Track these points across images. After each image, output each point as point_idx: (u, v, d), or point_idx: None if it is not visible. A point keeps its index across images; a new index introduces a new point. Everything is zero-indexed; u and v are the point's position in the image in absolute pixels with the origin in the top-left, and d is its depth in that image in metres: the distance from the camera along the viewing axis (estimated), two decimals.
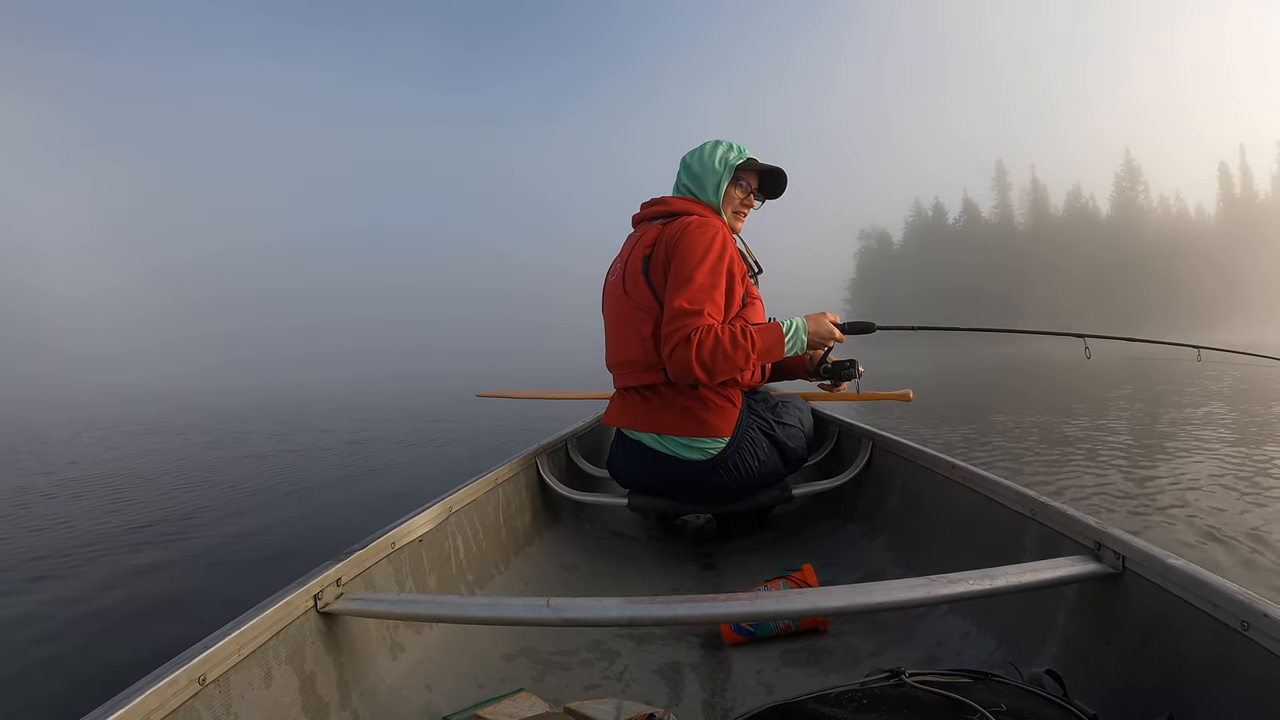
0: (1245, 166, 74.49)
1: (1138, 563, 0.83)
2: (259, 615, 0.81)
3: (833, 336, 1.65)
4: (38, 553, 3.33)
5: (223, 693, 0.75)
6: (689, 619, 0.87)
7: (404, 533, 1.19)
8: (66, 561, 3.15)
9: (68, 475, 6.08)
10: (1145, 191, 74.01)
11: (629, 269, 1.64)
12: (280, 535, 3.50)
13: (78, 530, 3.82)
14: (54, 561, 3.16)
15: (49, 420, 14.55)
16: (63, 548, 3.40)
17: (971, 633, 1.13)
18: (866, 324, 1.79)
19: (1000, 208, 75.65)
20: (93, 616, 2.42)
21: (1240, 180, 74.16)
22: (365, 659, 1.02)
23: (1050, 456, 4.53)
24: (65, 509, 4.50)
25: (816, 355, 1.82)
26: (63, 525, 3.98)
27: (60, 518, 4.23)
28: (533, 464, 1.89)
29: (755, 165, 1.74)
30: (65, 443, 9.39)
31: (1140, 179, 74.20)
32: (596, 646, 1.25)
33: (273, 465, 6.17)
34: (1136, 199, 73.48)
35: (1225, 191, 74.62)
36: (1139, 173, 74.33)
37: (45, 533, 3.82)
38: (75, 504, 4.64)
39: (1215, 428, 5.36)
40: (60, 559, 3.20)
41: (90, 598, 2.63)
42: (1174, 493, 3.37)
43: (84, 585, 2.79)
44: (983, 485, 1.26)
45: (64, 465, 6.82)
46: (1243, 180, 73.97)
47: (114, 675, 1.70)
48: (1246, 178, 73.90)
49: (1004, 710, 0.63)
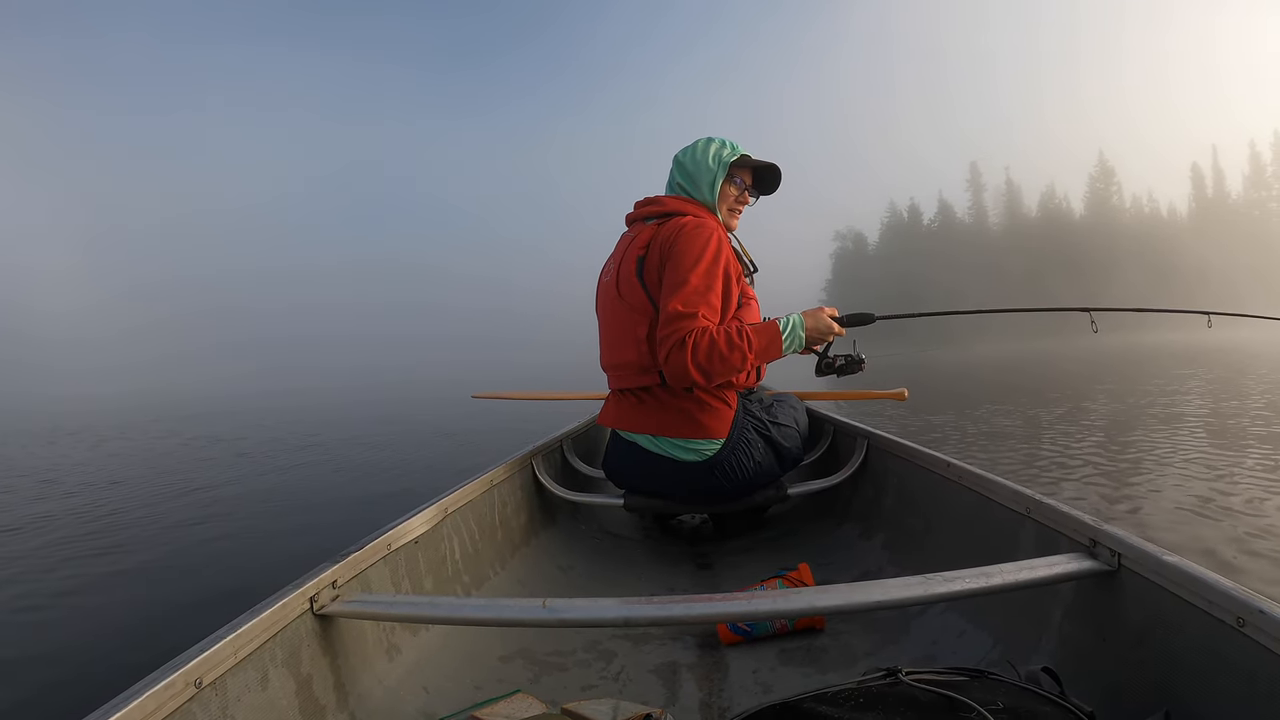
0: (1217, 167, 76.25)
1: (1133, 560, 0.84)
2: (255, 618, 0.81)
3: (832, 331, 1.61)
4: (22, 554, 3.29)
5: (219, 696, 0.74)
6: (685, 619, 0.88)
7: (400, 534, 1.19)
8: (61, 565, 3.12)
9: (51, 478, 6.02)
10: (1118, 191, 75.46)
11: (623, 270, 1.63)
12: (276, 538, 3.49)
13: (67, 534, 3.78)
14: (46, 566, 3.13)
15: (29, 430, 14.28)
16: (56, 553, 3.36)
17: (968, 631, 1.13)
18: (865, 315, 1.72)
19: (975, 208, 76.62)
20: (87, 620, 2.41)
21: (1212, 180, 75.93)
22: (362, 661, 1.01)
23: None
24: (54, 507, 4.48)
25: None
26: (50, 528, 3.94)
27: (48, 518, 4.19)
28: (528, 465, 1.88)
29: (749, 162, 1.73)
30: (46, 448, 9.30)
31: (1114, 179, 75.63)
32: (593, 647, 1.25)
33: (265, 467, 6.13)
34: (1110, 199, 74.83)
35: (1198, 191, 76.32)
36: (1112, 173, 75.76)
37: (24, 535, 3.78)
38: (63, 502, 4.61)
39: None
40: (54, 563, 3.16)
41: (85, 602, 2.62)
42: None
43: (79, 589, 2.76)
44: (978, 484, 1.26)
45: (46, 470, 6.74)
46: (1215, 180, 75.74)
47: (109, 679, 1.69)
48: (1219, 178, 75.67)
49: (1001, 708, 0.63)
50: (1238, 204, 73.53)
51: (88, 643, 2.19)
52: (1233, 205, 73.53)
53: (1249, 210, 72.27)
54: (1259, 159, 73.77)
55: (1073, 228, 71.45)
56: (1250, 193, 73.82)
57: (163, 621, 2.35)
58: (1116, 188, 75.65)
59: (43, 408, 27.17)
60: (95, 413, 20.86)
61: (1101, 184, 75.72)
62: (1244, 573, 2.27)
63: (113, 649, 2.13)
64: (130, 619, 2.41)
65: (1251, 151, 74.40)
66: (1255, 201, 73.04)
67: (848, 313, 1.68)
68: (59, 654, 2.12)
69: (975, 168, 78.44)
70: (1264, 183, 73.15)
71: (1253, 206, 72.58)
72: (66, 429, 13.24)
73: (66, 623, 2.40)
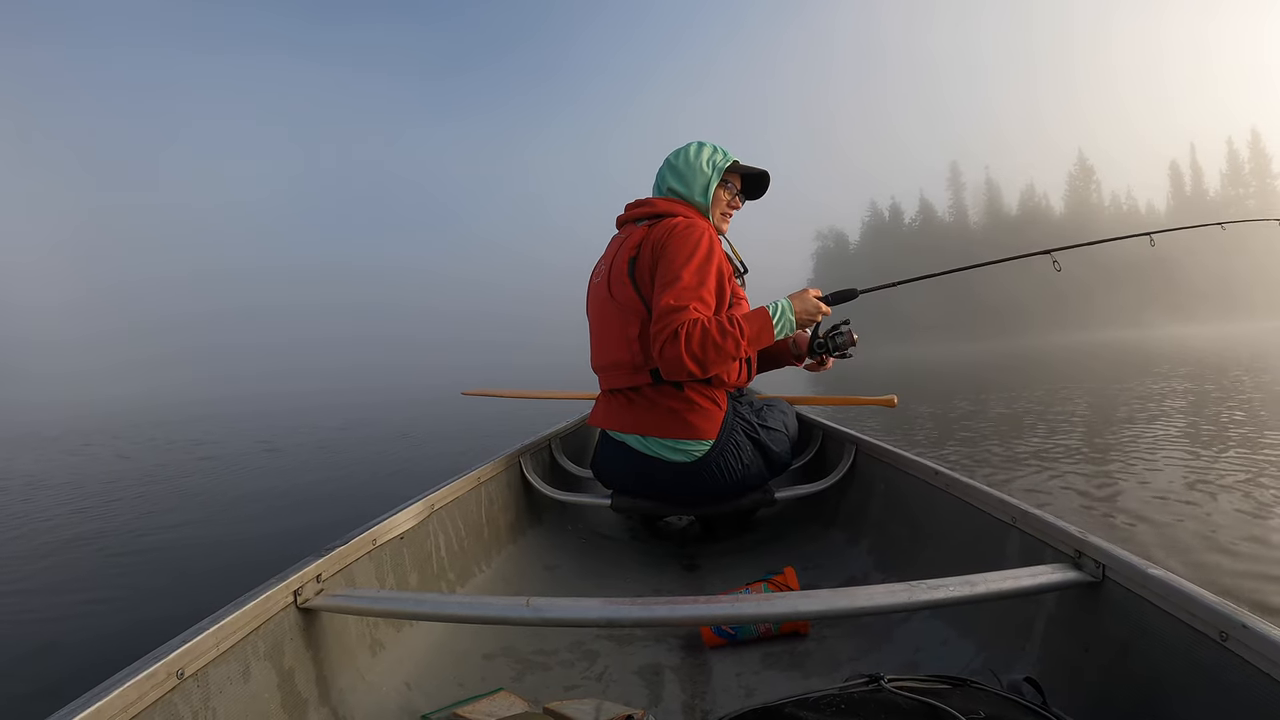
0: (1195, 164, 77.42)
1: (1118, 571, 0.84)
2: (238, 610, 0.80)
3: (820, 311, 1.64)
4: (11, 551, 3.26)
5: (201, 687, 0.74)
6: (669, 620, 0.88)
7: (385, 530, 1.18)
8: (43, 558, 3.08)
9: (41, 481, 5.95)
10: (1097, 190, 76.46)
11: (614, 271, 1.63)
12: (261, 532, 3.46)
13: (58, 527, 3.74)
14: (31, 559, 3.09)
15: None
16: (39, 545, 3.33)
17: (952, 639, 1.14)
18: (849, 291, 1.75)
19: (955, 207, 77.34)
20: (68, 612, 2.39)
21: (1191, 178, 77.11)
22: (344, 656, 1.01)
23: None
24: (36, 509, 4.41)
25: (803, 337, 1.83)
26: (44, 523, 3.90)
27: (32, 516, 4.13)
28: (516, 463, 1.88)
29: (740, 168, 1.76)
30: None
31: (1093, 177, 76.62)
32: (577, 647, 1.25)
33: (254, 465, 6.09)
34: (1089, 197, 75.79)
35: (1176, 189, 77.44)
36: (1091, 171, 76.73)
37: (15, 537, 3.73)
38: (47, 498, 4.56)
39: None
40: (36, 556, 3.13)
41: (67, 594, 2.61)
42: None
43: (61, 581, 2.74)
44: (965, 492, 1.26)
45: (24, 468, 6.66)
46: (1193, 178, 76.93)
47: (91, 669, 1.68)
48: (1197, 175, 76.85)
49: (983, 717, 0.63)
50: (1215, 201, 74.64)
51: (63, 637, 2.18)
52: (1210, 202, 74.66)
53: (1226, 207, 73.15)
54: (1236, 156, 74.89)
55: (1052, 226, 72.20)
56: (1228, 190, 74.87)
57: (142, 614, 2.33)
58: (1096, 186, 76.73)
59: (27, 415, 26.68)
60: (91, 416, 20.54)
61: (1081, 182, 76.75)
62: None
63: (90, 642, 2.12)
64: (107, 613, 2.39)
65: (1229, 149, 75.63)
66: (1233, 199, 74.09)
67: (831, 291, 1.72)
68: (37, 648, 2.11)
69: (955, 167, 79.38)
70: (1241, 180, 74.21)
71: (1230, 203, 73.66)
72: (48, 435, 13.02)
73: (45, 617, 2.38)
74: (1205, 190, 76.14)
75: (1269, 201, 71.79)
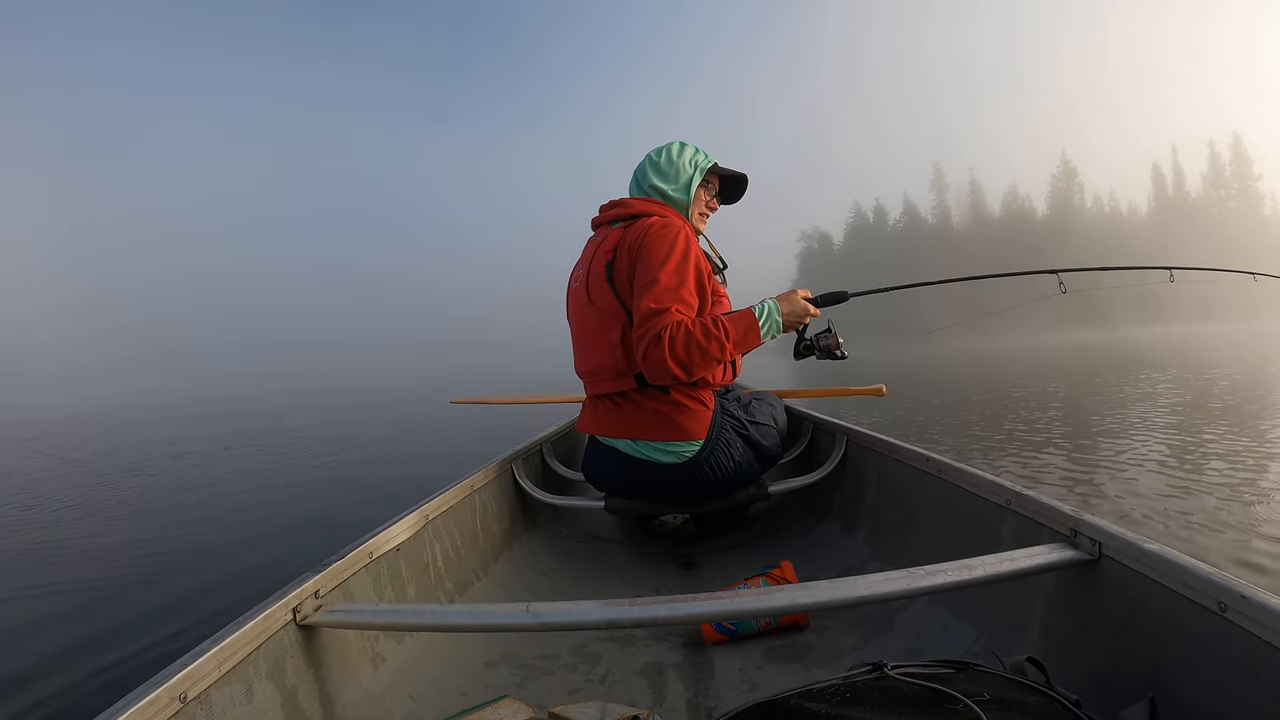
0: (1177, 167, 78.59)
1: (1114, 549, 0.85)
2: (238, 630, 0.79)
3: (808, 313, 1.60)
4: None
5: (205, 710, 0.73)
6: (669, 619, 0.87)
7: (381, 542, 1.17)
8: (39, 581, 3.02)
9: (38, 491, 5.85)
10: (1080, 192, 77.34)
11: (592, 276, 1.62)
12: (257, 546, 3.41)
13: (51, 546, 3.67)
14: (25, 581, 3.03)
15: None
16: (37, 568, 3.26)
17: (952, 623, 1.14)
18: (839, 293, 1.71)
19: (939, 208, 78.01)
20: (69, 636, 2.32)
21: (1173, 180, 78.18)
22: (347, 671, 1.00)
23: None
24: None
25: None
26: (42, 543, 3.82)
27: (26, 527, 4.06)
28: (508, 469, 1.87)
29: (719, 170, 1.77)
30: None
31: (1076, 179, 77.54)
32: (579, 650, 1.25)
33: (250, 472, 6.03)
34: (1072, 199, 76.62)
35: (1158, 191, 78.53)
36: (1075, 173, 77.67)
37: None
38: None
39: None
40: (35, 579, 3.06)
41: (64, 620, 2.53)
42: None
43: (58, 607, 2.68)
44: (958, 477, 1.27)
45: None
46: (1175, 180, 77.99)
47: (94, 696, 1.63)
48: (1179, 177, 77.95)
49: (987, 699, 0.63)
50: (1197, 203, 75.69)
51: (65, 664, 2.13)
52: (1192, 204, 75.68)
53: (1208, 209, 74.47)
54: (1218, 159, 76.29)
55: (1035, 227, 72.93)
56: (1209, 192, 76.17)
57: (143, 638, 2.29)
58: (1079, 187, 77.67)
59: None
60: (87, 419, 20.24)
61: (1064, 184, 77.65)
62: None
63: (92, 668, 2.06)
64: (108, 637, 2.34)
65: (1211, 151, 76.93)
66: (1215, 200, 75.36)
67: (821, 293, 1.68)
68: (37, 675, 2.04)
69: (939, 168, 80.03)
70: (1223, 182, 75.65)
71: (1212, 205, 74.83)
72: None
73: (44, 642, 2.32)
74: (1187, 192, 77.30)
75: (1250, 204, 73.18)
